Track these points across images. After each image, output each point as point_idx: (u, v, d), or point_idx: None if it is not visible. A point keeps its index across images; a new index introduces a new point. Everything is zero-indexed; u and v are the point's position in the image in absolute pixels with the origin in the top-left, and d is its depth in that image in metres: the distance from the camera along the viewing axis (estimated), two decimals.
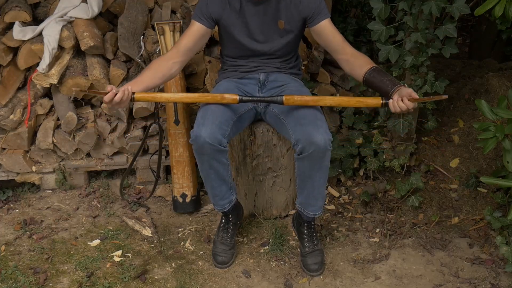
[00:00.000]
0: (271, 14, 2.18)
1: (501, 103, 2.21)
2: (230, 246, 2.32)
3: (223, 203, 2.26)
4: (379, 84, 2.05)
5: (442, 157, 2.87)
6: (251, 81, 2.30)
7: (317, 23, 2.16)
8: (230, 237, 2.34)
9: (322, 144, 1.99)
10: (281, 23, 2.19)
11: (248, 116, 2.27)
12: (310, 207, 2.22)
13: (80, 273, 2.22)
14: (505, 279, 2.18)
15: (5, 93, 2.66)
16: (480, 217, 2.53)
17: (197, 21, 2.18)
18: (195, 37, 2.18)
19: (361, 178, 2.87)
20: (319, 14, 2.15)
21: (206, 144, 2.00)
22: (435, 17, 2.40)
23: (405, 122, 2.61)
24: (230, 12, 2.17)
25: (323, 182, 2.17)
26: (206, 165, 2.11)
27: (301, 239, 2.31)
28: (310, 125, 2.02)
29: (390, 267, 2.28)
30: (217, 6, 2.16)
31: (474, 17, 4.27)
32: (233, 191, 2.28)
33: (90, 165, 2.82)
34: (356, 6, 3.25)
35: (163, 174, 2.88)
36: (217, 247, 2.31)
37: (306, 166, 2.09)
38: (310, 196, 2.19)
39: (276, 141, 2.39)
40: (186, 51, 2.17)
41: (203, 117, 2.06)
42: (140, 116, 2.76)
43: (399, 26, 2.48)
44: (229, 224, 2.35)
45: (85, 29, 2.62)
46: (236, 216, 2.37)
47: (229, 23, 2.19)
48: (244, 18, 2.18)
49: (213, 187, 2.21)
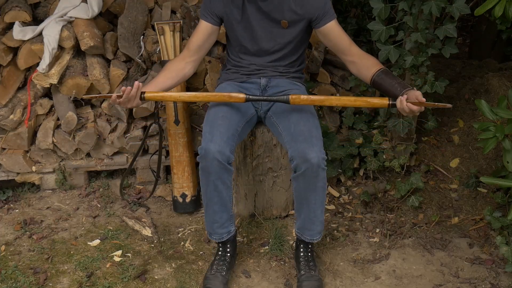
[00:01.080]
0: (273, 12, 2.14)
1: (501, 103, 2.21)
2: (225, 281, 2.11)
3: (221, 232, 2.15)
4: (388, 87, 2.02)
5: (442, 157, 2.87)
6: (253, 85, 2.28)
7: (323, 24, 2.12)
8: (226, 270, 2.13)
9: (315, 162, 1.97)
10: (284, 23, 2.16)
11: (251, 123, 2.27)
12: (307, 232, 2.16)
13: (80, 273, 2.22)
14: (505, 279, 2.18)
15: (5, 93, 2.66)
16: (480, 217, 2.53)
17: (203, 19, 2.19)
18: (203, 35, 2.19)
19: (361, 178, 2.87)
20: (324, 16, 2.11)
21: (215, 161, 1.97)
22: (435, 17, 2.40)
23: (405, 122, 2.61)
24: (233, 8, 2.16)
25: (320, 205, 2.10)
26: (211, 186, 2.05)
27: (297, 262, 2.20)
28: (304, 143, 2.00)
29: (390, 267, 2.28)
30: (220, 3, 2.16)
31: (474, 17, 4.27)
32: (232, 222, 2.18)
33: (90, 165, 2.82)
34: (356, 6, 3.25)
35: (163, 174, 2.88)
36: (211, 280, 2.08)
37: (301, 187, 2.06)
38: (306, 219, 2.13)
39: (276, 141, 2.39)
40: (197, 50, 2.19)
41: (210, 132, 2.02)
42: (140, 116, 2.76)
43: (399, 26, 2.48)
44: (226, 256, 2.18)
45: (85, 29, 2.62)
46: (233, 249, 2.22)
47: (232, 20, 2.19)
48: (246, 15, 2.16)
49: (215, 212, 2.11)
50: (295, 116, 2.12)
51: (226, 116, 2.10)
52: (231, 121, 2.09)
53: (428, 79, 2.55)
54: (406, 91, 1.94)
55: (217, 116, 2.10)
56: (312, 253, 2.21)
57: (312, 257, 2.20)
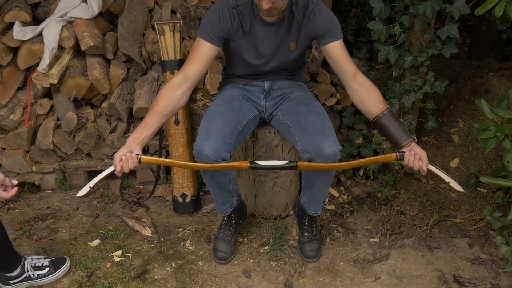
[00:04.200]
0: (282, 36, 2.06)
1: (501, 103, 2.21)
2: (231, 243, 2.34)
3: (224, 208, 2.30)
4: (391, 131, 1.96)
5: (442, 157, 2.87)
6: (256, 88, 2.26)
7: (326, 43, 2.03)
8: (232, 235, 2.35)
9: (331, 156, 1.96)
10: (293, 46, 2.10)
11: (254, 123, 2.26)
12: (313, 207, 2.28)
13: (80, 273, 2.22)
14: (505, 279, 2.18)
15: (5, 93, 2.66)
16: (480, 217, 2.53)
17: (207, 41, 1.98)
18: (206, 61, 2.00)
19: (361, 178, 2.88)
20: (329, 35, 2.01)
21: (209, 161, 1.97)
22: (436, 17, 2.40)
23: (405, 122, 2.61)
24: (241, 32, 2.04)
25: (328, 185, 2.21)
26: (207, 176, 2.14)
27: (301, 229, 2.36)
28: (318, 135, 1.98)
29: (390, 267, 2.28)
30: (229, 26, 2.00)
31: (474, 17, 4.28)
32: (233, 195, 2.28)
33: (90, 165, 2.82)
34: (356, 6, 3.26)
35: (163, 174, 2.88)
36: (218, 244, 2.33)
37: (313, 172, 2.09)
38: (313, 196, 2.23)
39: (278, 142, 2.39)
40: (194, 78, 1.99)
41: (206, 130, 2.00)
42: (140, 116, 2.76)
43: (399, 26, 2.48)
44: (231, 223, 2.37)
45: (85, 29, 2.62)
46: (239, 215, 2.39)
47: (239, 43, 2.07)
48: (254, 39, 2.06)
49: (215, 194, 2.25)
50: (303, 109, 2.11)
51: (225, 114, 2.07)
52: (229, 119, 2.06)
53: (428, 79, 2.55)
54: (410, 142, 1.93)
55: (215, 114, 2.07)
56: (315, 221, 2.36)
57: (315, 224, 2.37)
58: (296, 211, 2.44)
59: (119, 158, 1.82)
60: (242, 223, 2.44)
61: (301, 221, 2.38)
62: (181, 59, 2.56)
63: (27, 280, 2.11)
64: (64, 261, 2.21)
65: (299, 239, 2.36)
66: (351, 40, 3.35)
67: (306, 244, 2.33)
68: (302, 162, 1.95)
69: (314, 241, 2.33)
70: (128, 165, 1.82)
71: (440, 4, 2.28)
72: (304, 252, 2.31)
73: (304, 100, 2.17)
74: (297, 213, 2.43)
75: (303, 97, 2.18)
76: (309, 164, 1.95)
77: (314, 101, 2.20)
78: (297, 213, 2.43)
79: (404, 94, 2.60)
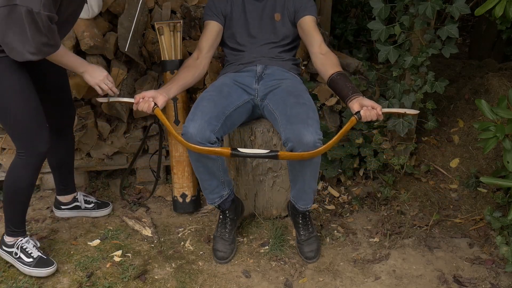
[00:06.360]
0: (268, 9, 2.36)
1: (501, 103, 2.21)
2: (229, 241, 2.34)
3: (212, 197, 2.28)
4: (341, 87, 2.11)
5: (442, 157, 2.87)
6: (249, 73, 2.34)
7: (301, 16, 2.32)
8: (229, 232, 2.36)
9: (311, 144, 1.99)
10: (277, 16, 2.36)
11: (245, 110, 2.28)
12: (302, 201, 2.28)
13: (80, 273, 2.22)
14: (505, 279, 2.18)
15: None
16: (480, 217, 2.53)
17: (210, 19, 2.35)
18: (212, 35, 2.34)
19: (361, 178, 2.88)
20: (305, 9, 2.32)
21: (194, 141, 2.02)
22: (436, 17, 2.41)
23: (405, 122, 2.61)
24: (234, 8, 2.37)
25: (314, 177, 2.21)
26: (193, 158, 2.16)
27: (297, 228, 2.38)
28: (300, 124, 2.03)
29: (390, 267, 2.28)
30: (224, 3, 2.36)
31: (474, 17, 4.28)
32: (225, 187, 2.28)
33: (90, 165, 2.82)
34: (356, 6, 3.26)
35: (163, 174, 2.88)
36: (216, 243, 2.34)
37: (296, 162, 2.13)
38: (301, 190, 2.24)
39: (277, 141, 2.39)
40: (208, 48, 2.32)
41: (193, 112, 2.10)
42: (140, 116, 2.76)
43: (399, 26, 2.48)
44: (226, 220, 2.37)
45: (85, 29, 2.61)
46: (234, 212, 2.38)
47: (232, 19, 2.37)
48: (244, 14, 2.37)
49: (202, 180, 2.24)
50: (292, 100, 2.16)
51: (212, 99, 2.16)
52: (217, 103, 2.14)
53: (428, 79, 2.55)
54: (356, 95, 2.04)
55: (203, 99, 2.17)
56: (309, 217, 2.39)
57: (310, 221, 2.39)
58: (290, 211, 2.45)
59: (143, 96, 2.03)
60: (238, 220, 2.43)
61: (295, 220, 2.38)
62: (181, 59, 2.56)
63: (76, 209, 2.58)
64: (107, 205, 2.62)
65: (297, 238, 2.37)
66: (351, 40, 3.36)
67: (305, 244, 2.33)
68: (284, 152, 2.01)
69: (313, 241, 2.34)
70: (143, 106, 2.02)
71: (440, 4, 2.29)
72: (304, 253, 2.32)
73: (294, 91, 2.21)
74: (291, 212, 2.43)
75: (293, 88, 2.23)
76: (290, 154, 2.01)
77: (304, 93, 2.23)
78: (290, 213, 2.44)
79: (404, 94, 2.60)
